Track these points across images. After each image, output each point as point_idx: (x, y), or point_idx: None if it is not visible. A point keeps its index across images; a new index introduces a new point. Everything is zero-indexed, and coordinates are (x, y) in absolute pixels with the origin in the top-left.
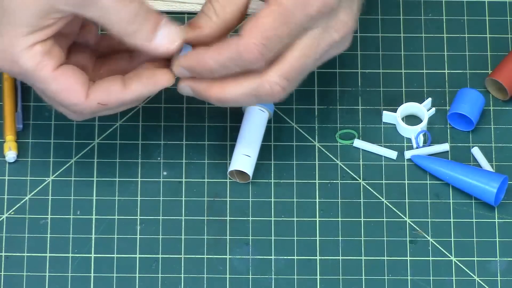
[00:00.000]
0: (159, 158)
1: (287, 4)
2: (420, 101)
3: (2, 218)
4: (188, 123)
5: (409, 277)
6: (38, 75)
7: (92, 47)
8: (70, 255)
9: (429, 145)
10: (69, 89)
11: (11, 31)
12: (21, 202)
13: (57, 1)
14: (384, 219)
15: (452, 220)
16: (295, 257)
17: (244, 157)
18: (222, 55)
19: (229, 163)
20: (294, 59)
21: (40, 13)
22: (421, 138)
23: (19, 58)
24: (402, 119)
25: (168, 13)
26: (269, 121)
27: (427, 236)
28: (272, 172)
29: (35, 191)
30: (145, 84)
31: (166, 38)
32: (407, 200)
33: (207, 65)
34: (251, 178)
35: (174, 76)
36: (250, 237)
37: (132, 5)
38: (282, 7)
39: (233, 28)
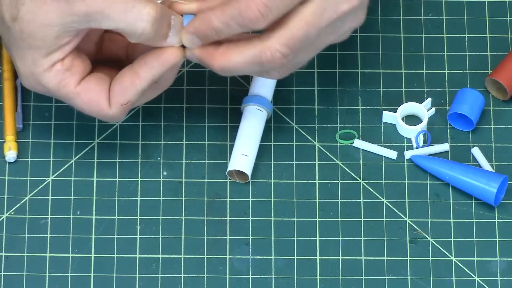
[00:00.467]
0: (159, 158)
1: None
2: (420, 101)
3: (2, 218)
4: (188, 123)
5: (409, 277)
6: (62, 92)
7: None
8: (70, 255)
9: (429, 145)
10: (93, 102)
11: (31, 54)
12: (21, 202)
13: (66, 21)
14: (384, 219)
15: (452, 220)
16: (295, 257)
17: (242, 156)
18: (224, 13)
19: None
20: (296, 26)
21: (55, 33)
22: (421, 138)
23: (41, 79)
24: (402, 119)
25: None
26: (269, 121)
27: (427, 236)
28: (272, 172)
29: (35, 191)
30: (153, 67)
31: (176, 37)
32: (407, 200)
33: (211, 24)
34: (250, 177)
35: (181, 51)
36: (250, 237)
37: (146, 12)
38: None
39: None
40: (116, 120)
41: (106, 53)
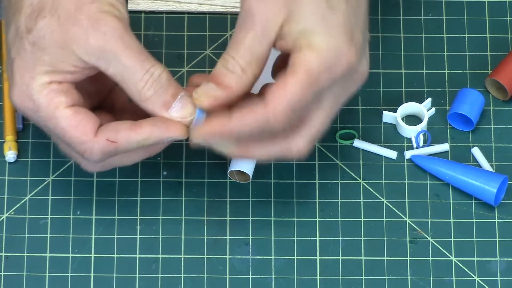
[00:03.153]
0: (159, 158)
1: (314, 71)
2: (420, 101)
3: (2, 218)
4: None
5: (409, 277)
6: (50, 111)
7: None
8: (70, 255)
9: (429, 145)
10: (78, 126)
11: (33, 67)
12: (21, 202)
13: (78, 49)
14: (384, 219)
15: (452, 220)
16: (295, 257)
17: None
18: (248, 125)
19: (229, 163)
20: (319, 122)
21: (62, 56)
22: (421, 138)
23: (34, 94)
24: (402, 119)
25: (168, 13)
26: None
27: (427, 236)
28: (272, 172)
29: (35, 191)
30: (156, 127)
31: (182, 111)
32: (407, 200)
33: (232, 134)
34: (251, 178)
35: (187, 132)
36: (250, 237)
37: (153, 70)
38: (310, 75)
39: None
40: (92, 158)
41: (109, 105)
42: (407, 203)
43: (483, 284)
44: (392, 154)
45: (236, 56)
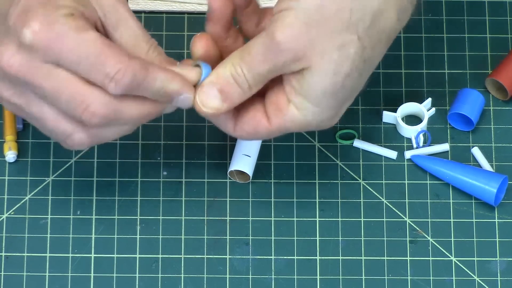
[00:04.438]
0: (159, 158)
1: (286, 126)
2: (420, 101)
3: (2, 218)
4: (188, 123)
5: (409, 277)
6: (80, 35)
7: None
8: (70, 255)
9: (429, 145)
10: (113, 46)
11: (54, 1)
12: (21, 202)
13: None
14: (384, 219)
15: (452, 220)
16: (295, 257)
17: (244, 157)
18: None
19: (229, 163)
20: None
21: (81, 1)
22: (421, 138)
23: (61, 19)
24: (402, 119)
25: (168, 13)
26: None
27: (427, 236)
28: (272, 172)
29: (35, 191)
30: (178, 77)
31: (189, 67)
32: (407, 200)
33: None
34: (251, 178)
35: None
36: (250, 237)
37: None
38: (280, 128)
39: None
40: (121, 82)
41: None
42: (407, 203)
43: (483, 284)
44: (392, 154)
45: (248, 73)
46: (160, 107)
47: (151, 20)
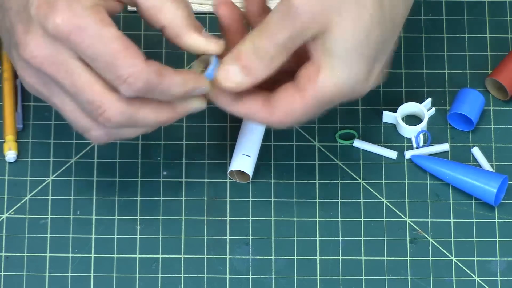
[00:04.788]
0: (159, 158)
1: (326, 97)
2: (420, 101)
3: (2, 218)
4: (188, 123)
5: (409, 277)
6: (101, 30)
7: None
8: (70, 255)
9: (429, 145)
10: (129, 49)
11: None
12: (21, 202)
13: None
14: (384, 219)
15: (452, 220)
16: (295, 257)
17: (244, 157)
18: (252, 115)
19: (229, 163)
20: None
21: None
22: (421, 138)
23: (84, 11)
24: (402, 119)
25: None
26: None
27: (427, 236)
28: (272, 172)
29: (35, 191)
30: (192, 76)
31: (209, 39)
32: (407, 200)
33: (239, 114)
34: (251, 178)
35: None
36: (250, 237)
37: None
38: (320, 99)
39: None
40: (134, 86)
41: None
42: (407, 203)
43: (483, 284)
44: (392, 154)
45: (269, 44)
46: (178, 114)
47: None
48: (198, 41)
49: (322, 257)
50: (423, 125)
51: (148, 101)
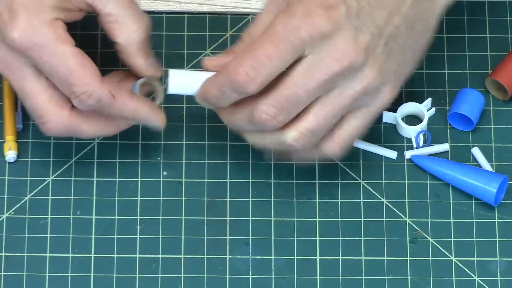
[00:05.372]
0: (159, 158)
1: (278, 28)
2: (420, 101)
3: (2, 218)
4: (188, 123)
5: (409, 277)
6: (58, 47)
7: None
8: (70, 255)
9: (429, 145)
10: (86, 67)
11: (39, 1)
12: (21, 202)
13: None
14: (384, 219)
15: (452, 220)
16: (295, 257)
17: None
18: (217, 80)
19: (229, 163)
20: (283, 86)
21: None
22: (421, 138)
23: (42, 26)
24: (402, 119)
25: (168, 13)
26: None
27: (427, 236)
28: (272, 172)
29: (35, 191)
30: (147, 107)
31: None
32: (407, 200)
33: (211, 92)
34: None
35: (165, 123)
36: (250, 237)
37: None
38: (273, 31)
39: None
40: (85, 103)
41: None
42: (407, 203)
43: (483, 284)
44: (392, 154)
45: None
46: (117, 130)
47: (151, 20)
48: (141, 66)
49: (322, 257)
50: (423, 125)
51: (95, 116)
